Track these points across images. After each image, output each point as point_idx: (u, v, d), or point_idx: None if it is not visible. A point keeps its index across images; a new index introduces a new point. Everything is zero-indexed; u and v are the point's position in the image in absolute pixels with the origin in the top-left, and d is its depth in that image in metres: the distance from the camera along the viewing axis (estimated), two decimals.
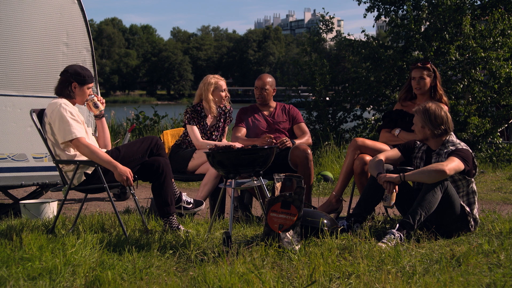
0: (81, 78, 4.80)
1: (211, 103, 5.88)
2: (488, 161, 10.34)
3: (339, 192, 5.42)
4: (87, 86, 4.84)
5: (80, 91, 4.82)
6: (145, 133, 12.74)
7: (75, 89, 4.81)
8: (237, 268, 3.48)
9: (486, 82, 10.71)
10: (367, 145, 5.28)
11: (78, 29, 6.65)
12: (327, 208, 5.38)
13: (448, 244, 4.25)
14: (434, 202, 4.32)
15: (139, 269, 3.59)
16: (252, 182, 4.42)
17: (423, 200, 4.32)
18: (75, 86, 4.80)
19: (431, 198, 4.31)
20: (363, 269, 3.51)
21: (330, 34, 13.12)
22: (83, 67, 4.88)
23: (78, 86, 4.80)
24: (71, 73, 4.80)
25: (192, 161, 5.74)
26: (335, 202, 5.40)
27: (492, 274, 3.47)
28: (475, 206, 4.65)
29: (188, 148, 5.90)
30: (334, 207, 5.41)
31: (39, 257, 3.76)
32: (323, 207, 5.39)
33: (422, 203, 4.31)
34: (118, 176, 4.55)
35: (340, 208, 5.45)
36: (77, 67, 4.88)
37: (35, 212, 5.74)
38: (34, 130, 4.88)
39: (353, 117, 12.38)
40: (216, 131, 5.98)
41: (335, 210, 5.42)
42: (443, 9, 10.88)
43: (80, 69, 4.84)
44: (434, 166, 4.40)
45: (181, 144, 5.96)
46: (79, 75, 4.80)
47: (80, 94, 4.83)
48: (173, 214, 4.72)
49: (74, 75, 4.79)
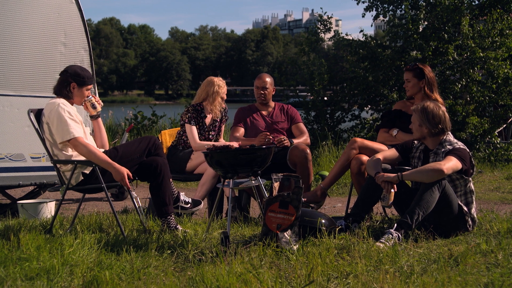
0: (80, 79, 4.79)
1: (216, 108, 5.89)
2: (486, 161, 10.35)
3: (327, 186, 5.38)
4: (86, 88, 4.84)
5: (79, 92, 4.82)
6: (143, 133, 12.73)
7: (73, 90, 4.80)
8: (235, 268, 3.48)
9: (484, 82, 10.72)
10: (365, 145, 5.28)
11: (76, 29, 6.65)
12: (310, 197, 5.32)
13: (446, 244, 4.26)
14: (431, 201, 4.32)
15: (137, 269, 3.59)
16: (250, 182, 4.42)
17: (420, 199, 4.32)
18: (74, 86, 4.80)
19: (428, 198, 4.31)
20: (361, 269, 3.52)
21: (328, 34, 13.11)
22: (83, 68, 4.87)
23: (77, 87, 4.80)
24: (70, 73, 4.80)
25: (190, 162, 5.75)
26: (320, 195, 5.36)
27: (490, 273, 3.48)
28: (473, 205, 4.65)
29: (185, 149, 5.89)
30: (317, 199, 5.35)
31: (37, 257, 3.76)
32: (306, 195, 5.35)
33: (420, 202, 4.31)
34: (116, 176, 4.55)
35: (322, 202, 5.40)
36: (77, 67, 4.87)
37: (33, 212, 5.73)
38: (32, 130, 4.88)
39: (351, 117, 12.38)
40: (213, 131, 5.98)
41: (317, 202, 5.37)
42: (441, 9, 10.88)
43: (80, 70, 4.83)
44: (432, 165, 4.41)
45: (177, 145, 5.95)
46: (79, 76, 4.79)
47: (78, 95, 4.83)
48: (171, 214, 4.72)
49: (73, 76, 4.79)
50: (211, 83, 5.92)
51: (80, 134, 4.61)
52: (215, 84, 5.90)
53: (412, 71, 5.41)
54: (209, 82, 5.95)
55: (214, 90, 5.88)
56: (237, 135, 5.88)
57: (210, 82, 5.94)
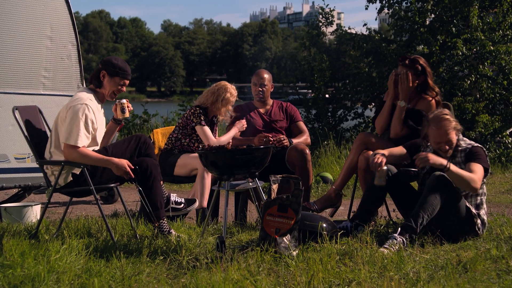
0: (111, 68, 4.77)
1: (222, 115, 5.92)
2: (496, 162, 10.36)
3: (339, 187, 5.41)
4: (118, 79, 4.79)
5: (109, 82, 4.78)
6: (134, 132, 12.71)
7: (103, 79, 4.80)
8: (231, 274, 3.48)
9: (495, 78, 10.73)
10: (373, 141, 5.29)
11: (62, 22, 6.64)
12: (325, 202, 5.37)
13: (454, 249, 4.26)
14: (436, 204, 4.33)
15: (127, 276, 3.59)
16: (247, 184, 4.42)
17: (425, 202, 4.32)
18: (104, 75, 4.78)
19: (433, 200, 4.32)
20: (364, 276, 3.52)
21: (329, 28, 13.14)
22: (121, 60, 4.84)
23: (107, 76, 4.78)
24: (104, 61, 4.83)
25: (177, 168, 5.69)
26: (334, 197, 5.40)
27: (500, 281, 3.48)
28: (483, 207, 4.65)
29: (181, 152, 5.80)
30: (333, 201, 5.40)
31: (21, 264, 3.75)
32: (320, 201, 5.39)
33: (424, 205, 4.31)
34: (117, 170, 4.54)
35: (339, 203, 5.45)
36: (114, 58, 4.89)
37: (17, 216, 5.73)
38: (16, 129, 4.87)
39: (354, 115, 12.40)
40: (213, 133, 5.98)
41: (333, 205, 5.41)
42: (449, 1, 10.90)
43: (115, 60, 4.84)
44: (471, 178, 4.35)
45: (172, 148, 5.87)
46: (111, 65, 4.77)
47: (108, 85, 4.79)
48: (163, 218, 4.71)
49: (105, 64, 4.79)
50: (224, 89, 5.86)
51: (83, 144, 4.59)
52: (228, 91, 5.86)
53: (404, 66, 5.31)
54: (222, 87, 5.88)
55: (225, 97, 5.83)
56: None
57: (224, 87, 5.88)
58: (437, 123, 4.57)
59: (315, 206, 5.33)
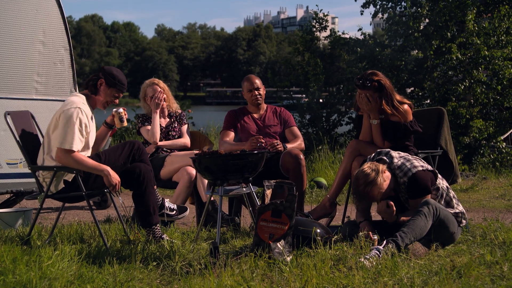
0: (111, 79, 4.78)
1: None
2: (490, 167, 10.39)
3: (334, 195, 5.43)
4: (114, 91, 4.80)
5: (105, 91, 4.79)
6: (127, 137, 12.70)
7: (100, 87, 4.80)
8: (225, 280, 3.48)
9: (489, 83, 10.77)
10: (365, 146, 5.31)
11: (55, 27, 6.64)
12: (320, 212, 5.38)
13: (448, 255, 4.27)
14: (425, 229, 4.32)
15: (120, 283, 3.58)
16: (241, 189, 4.42)
17: (415, 225, 4.27)
18: (102, 83, 4.78)
19: (422, 225, 4.30)
20: (358, 281, 3.52)
21: (324, 33, 13.15)
22: (122, 74, 4.85)
23: (104, 85, 4.78)
24: (104, 69, 4.84)
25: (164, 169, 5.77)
26: (329, 206, 5.41)
27: (494, 286, 3.49)
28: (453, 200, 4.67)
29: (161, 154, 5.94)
30: (328, 211, 5.41)
31: (13, 270, 3.74)
32: (316, 210, 5.40)
33: (414, 228, 4.26)
34: (107, 181, 4.54)
35: (333, 212, 5.46)
36: (115, 69, 4.91)
37: (9, 221, 5.70)
38: (8, 134, 4.86)
39: (348, 120, 12.41)
40: (173, 131, 6.18)
41: (328, 214, 5.42)
42: (444, 5, 10.94)
43: (116, 71, 4.85)
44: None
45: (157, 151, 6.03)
46: (111, 75, 4.79)
47: (103, 94, 4.80)
48: (156, 224, 4.71)
49: (105, 73, 4.79)
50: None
51: (78, 148, 4.59)
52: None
53: (371, 88, 5.33)
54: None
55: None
56: (227, 140, 5.88)
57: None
58: (367, 195, 4.55)
59: (310, 217, 5.33)
